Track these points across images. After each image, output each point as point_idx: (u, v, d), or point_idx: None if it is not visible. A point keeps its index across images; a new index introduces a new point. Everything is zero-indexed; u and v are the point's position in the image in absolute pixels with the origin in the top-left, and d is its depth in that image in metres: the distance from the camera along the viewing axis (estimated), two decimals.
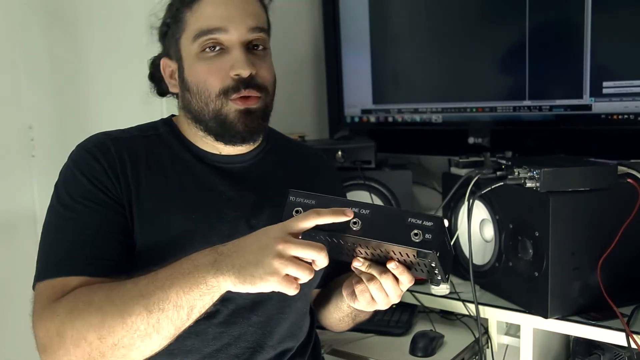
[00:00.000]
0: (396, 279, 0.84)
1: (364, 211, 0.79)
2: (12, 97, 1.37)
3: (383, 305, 0.89)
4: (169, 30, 0.99)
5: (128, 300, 0.78)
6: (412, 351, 1.22)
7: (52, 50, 1.44)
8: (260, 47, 0.98)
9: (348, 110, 1.81)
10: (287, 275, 0.74)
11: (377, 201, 1.50)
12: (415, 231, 0.75)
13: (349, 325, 1.10)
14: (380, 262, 0.84)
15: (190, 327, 0.81)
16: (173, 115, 1.07)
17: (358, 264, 0.84)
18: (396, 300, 0.89)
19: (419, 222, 0.76)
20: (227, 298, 0.90)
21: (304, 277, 0.75)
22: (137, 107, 1.09)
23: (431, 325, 1.34)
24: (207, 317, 0.87)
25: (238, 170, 1.02)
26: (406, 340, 1.26)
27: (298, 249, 0.74)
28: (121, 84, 1.46)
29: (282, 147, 1.11)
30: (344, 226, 0.78)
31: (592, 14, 1.32)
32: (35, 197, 1.40)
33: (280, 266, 0.73)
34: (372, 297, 0.88)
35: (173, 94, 1.04)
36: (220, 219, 0.96)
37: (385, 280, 0.84)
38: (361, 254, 0.85)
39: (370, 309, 0.92)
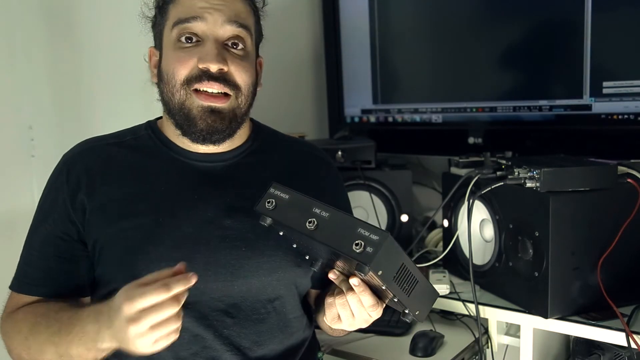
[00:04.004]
0: None
1: (324, 213, 0.79)
2: (12, 97, 1.37)
3: (347, 324, 0.89)
4: (157, 21, 1.00)
5: (43, 342, 0.87)
6: (412, 351, 1.22)
7: (52, 50, 1.44)
8: (240, 46, 0.97)
9: (348, 110, 1.81)
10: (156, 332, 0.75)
11: (377, 201, 1.50)
12: (358, 241, 0.74)
13: (342, 334, 1.09)
14: None
15: None
16: (160, 117, 1.07)
17: (333, 276, 0.85)
18: (363, 325, 0.89)
19: (366, 233, 0.75)
20: (199, 301, 0.92)
21: (169, 327, 0.75)
22: (136, 106, 1.09)
23: (431, 325, 1.34)
24: (182, 319, 0.88)
25: (217, 169, 1.01)
26: (406, 340, 1.26)
27: (140, 302, 0.73)
28: (121, 84, 1.46)
29: (271, 146, 1.08)
30: (300, 223, 0.79)
31: (592, 14, 1.32)
32: (35, 197, 1.40)
33: (139, 334, 0.74)
34: (339, 314, 0.88)
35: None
36: (189, 220, 0.95)
37: (351, 298, 0.84)
38: (339, 267, 0.85)
39: (336, 326, 0.93)
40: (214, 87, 0.93)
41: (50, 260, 0.96)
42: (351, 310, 0.86)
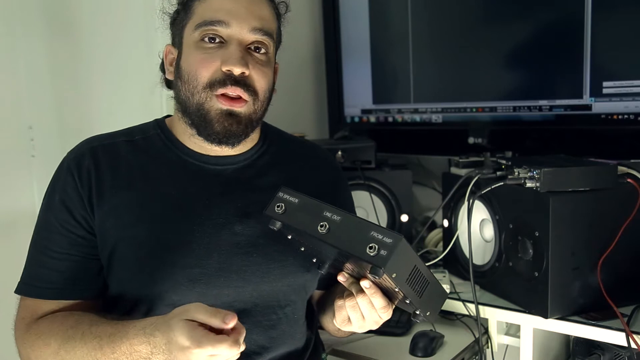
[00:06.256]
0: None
1: (335, 217, 0.79)
2: (12, 97, 1.37)
3: (357, 326, 0.89)
4: (178, 17, 0.99)
5: (81, 356, 0.84)
6: (412, 351, 1.22)
7: (52, 50, 1.44)
8: (262, 51, 0.96)
9: (348, 110, 1.81)
10: None
11: (377, 201, 1.50)
12: (372, 245, 0.74)
13: (347, 335, 1.09)
14: None
15: None
16: (168, 116, 1.06)
17: (342, 278, 0.85)
18: (373, 326, 0.89)
19: (380, 236, 0.75)
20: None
21: None
22: (136, 106, 1.09)
23: (431, 325, 1.34)
24: None
25: (227, 172, 1.00)
26: (406, 340, 1.26)
27: (210, 350, 0.73)
28: (121, 84, 1.46)
29: (280, 148, 1.08)
30: (312, 227, 0.79)
31: (592, 14, 1.32)
32: (35, 197, 1.40)
33: None
34: (349, 316, 0.88)
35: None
36: (201, 226, 0.94)
37: (361, 300, 0.84)
38: (348, 269, 0.85)
39: (346, 328, 0.92)
40: (236, 92, 0.92)
41: (75, 261, 0.93)
42: (361, 312, 0.86)
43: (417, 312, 0.84)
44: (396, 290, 0.78)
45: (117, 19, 1.45)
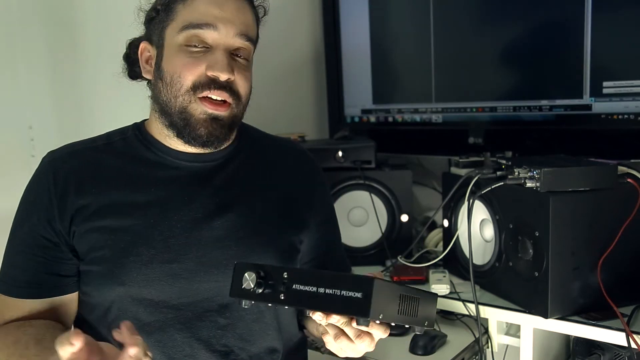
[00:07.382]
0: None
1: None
2: (12, 97, 1.37)
3: (335, 351, 0.86)
4: (157, 17, 0.99)
5: None
6: (412, 349, 1.22)
7: (52, 50, 1.44)
8: (244, 57, 0.98)
9: (348, 110, 1.81)
10: None
11: (377, 201, 1.50)
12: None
13: None
14: None
15: (156, 334, 0.89)
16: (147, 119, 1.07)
17: (318, 317, 0.76)
18: (356, 355, 0.86)
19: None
20: (192, 302, 0.92)
21: None
22: (136, 106, 1.09)
23: (435, 324, 1.33)
24: (174, 321, 0.90)
25: (206, 169, 1.01)
26: (406, 340, 1.26)
27: None
28: (121, 84, 1.46)
29: (256, 144, 1.09)
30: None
31: (592, 14, 1.32)
32: None
33: None
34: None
35: (145, 79, 1.03)
36: (181, 222, 0.95)
37: (344, 344, 0.81)
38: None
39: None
40: (221, 96, 0.93)
41: (37, 262, 0.95)
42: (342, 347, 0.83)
43: (416, 329, 0.83)
44: (393, 325, 0.77)
45: (117, 19, 1.45)
